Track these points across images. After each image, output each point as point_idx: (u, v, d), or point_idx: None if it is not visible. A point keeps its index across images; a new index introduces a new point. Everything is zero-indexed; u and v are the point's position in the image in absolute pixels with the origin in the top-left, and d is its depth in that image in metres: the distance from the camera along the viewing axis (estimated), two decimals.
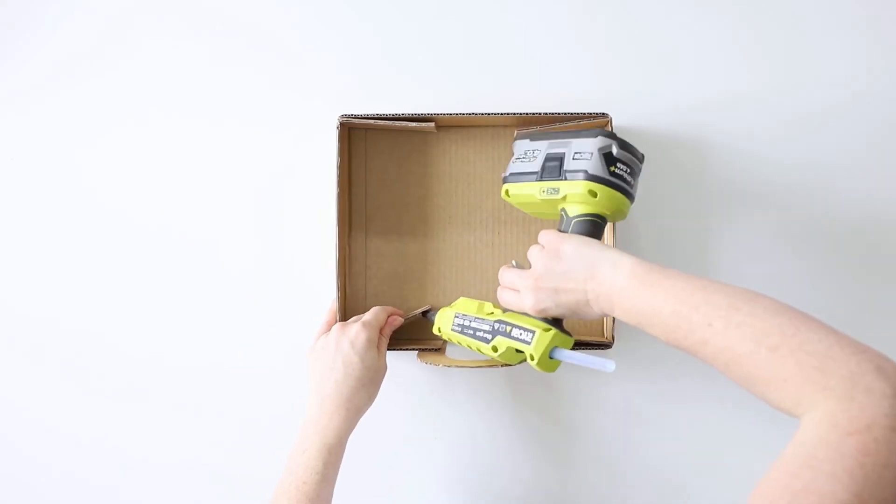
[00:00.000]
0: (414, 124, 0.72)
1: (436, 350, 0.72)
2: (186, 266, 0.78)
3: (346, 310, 0.74)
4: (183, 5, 0.79)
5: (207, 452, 0.79)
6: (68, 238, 0.79)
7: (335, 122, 0.72)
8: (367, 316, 0.69)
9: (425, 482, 0.78)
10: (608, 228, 0.74)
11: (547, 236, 0.61)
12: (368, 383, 0.66)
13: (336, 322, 0.71)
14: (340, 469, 0.64)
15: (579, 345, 0.72)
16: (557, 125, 0.73)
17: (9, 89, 0.79)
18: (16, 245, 0.79)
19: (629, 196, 0.62)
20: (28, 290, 0.79)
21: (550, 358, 0.59)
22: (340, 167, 0.72)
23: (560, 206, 0.63)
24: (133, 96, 0.79)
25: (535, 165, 0.64)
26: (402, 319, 0.72)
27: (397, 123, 0.72)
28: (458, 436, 0.78)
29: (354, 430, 0.66)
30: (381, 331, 0.69)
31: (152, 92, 0.79)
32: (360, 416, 0.66)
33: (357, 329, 0.66)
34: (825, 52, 0.77)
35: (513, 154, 0.68)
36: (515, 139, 0.69)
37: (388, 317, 0.71)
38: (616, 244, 0.73)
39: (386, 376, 0.69)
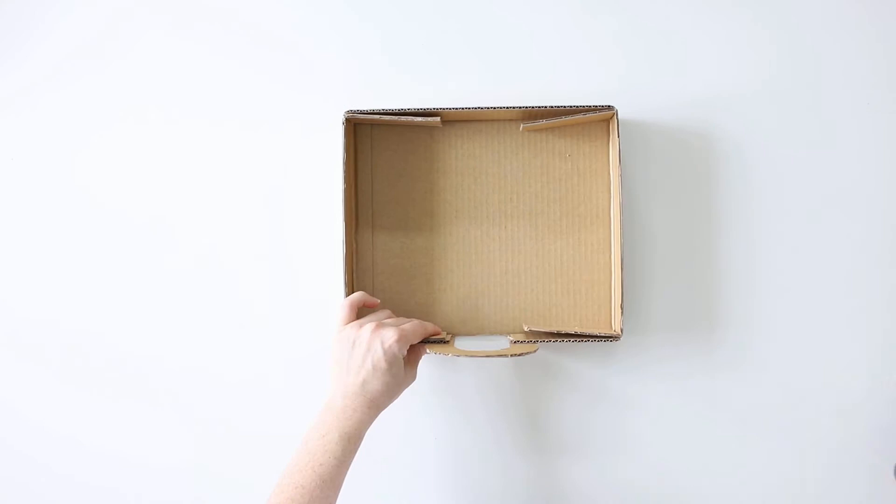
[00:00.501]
0: (420, 119, 0.72)
1: (444, 342, 0.72)
2: (190, 265, 0.78)
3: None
4: (182, 4, 0.78)
5: (209, 455, 0.78)
6: (69, 238, 0.78)
7: (338, 119, 0.72)
8: (407, 327, 0.67)
9: (426, 480, 0.78)
10: (615, 226, 0.74)
11: None
12: (395, 388, 0.66)
13: (357, 310, 0.70)
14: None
15: (587, 337, 0.72)
16: (564, 118, 0.73)
17: (9, 89, 0.79)
18: (16, 245, 0.79)
19: None
20: (28, 291, 0.78)
21: None
22: (346, 163, 0.72)
23: None
24: (133, 96, 0.78)
25: None
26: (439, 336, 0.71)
27: (402, 118, 0.72)
28: (458, 433, 0.78)
29: None
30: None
31: (152, 91, 0.78)
32: (380, 413, 0.66)
33: (392, 338, 0.65)
34: (830, 44, 0.77)
35: None
36: None
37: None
38: (623, 236, 0.73)
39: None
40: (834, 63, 0.77)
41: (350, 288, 0.73)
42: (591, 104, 0.72)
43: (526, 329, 0.73)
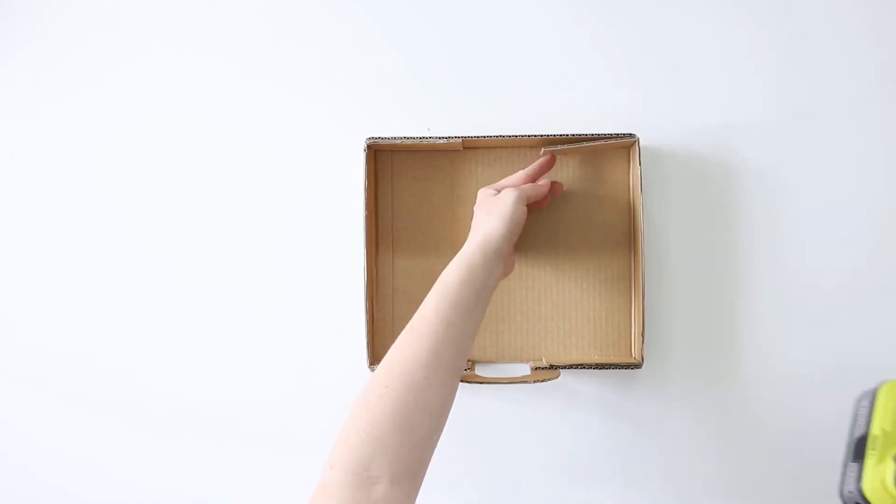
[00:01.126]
0: (441, 142, 0.72)
1: (466, 370, 0.72)
2: (209, 291, 0.78)
3: (375, 333, 0.74)
4: (199, 21, 0.78)
5: (234, 482, 0.78)
6: (69, 241, 0.78)
7: (359, 145, 0.72)
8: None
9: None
10: (635, 253, 0.74)
11: None
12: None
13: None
14: None
15: (607, 366, 0.72)
16: (585, 144, 0.72)
17: (9, 89, 0.78)
18: (15, 246, 0.78)
19: None
20: (26, 294, 0.78)
21: None
22: (367, 190, 0.72)
23: None
24: (152, 116, 0.78)
25: None
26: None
27: (424, 142, 0.72)
28: (476, 460, 0.78)
29: None
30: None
31: (169, 110, 0.78)
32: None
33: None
34: (841, 70, 0.77)
35: None
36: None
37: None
38: (644, 262, 0.73)
39: None
40: (855, 88, 0.77)
41: (371, 314, 0.73)
42: (613, 132, 0.72)
43: (546, 364, 0.73)
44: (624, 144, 0.74)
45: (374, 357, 0.74)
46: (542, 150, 0.74)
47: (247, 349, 0.78)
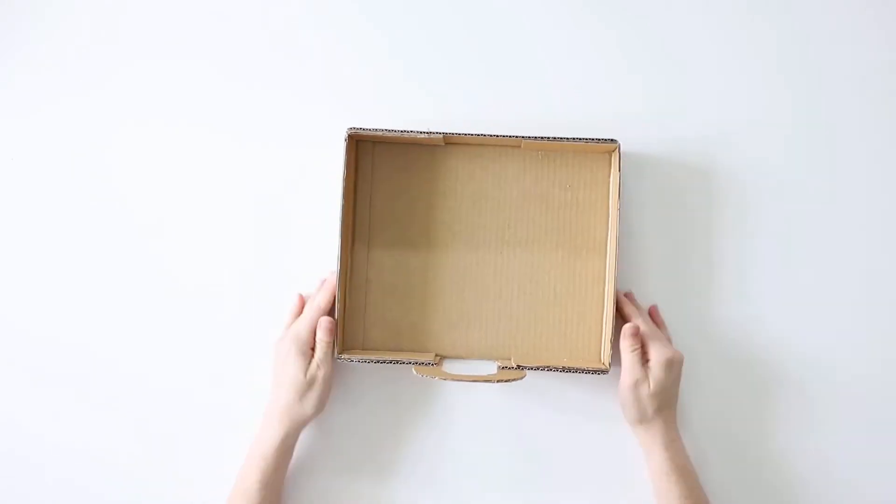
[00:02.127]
0: (423, 136, 0.72)
1: (432, 364, 0.72)
2: (186, 275, 0.78)
3: (346, 322, 0.74)
4: (187, 15, 0.78)
5: (216, 476, 0.78)
6: (67, 240, 0.78)
7: (341, 135, 0.72)
8: (300, 325, 0.73)
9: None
10: (611, 259, 0.74)
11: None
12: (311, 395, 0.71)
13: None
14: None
15: (575, 370, 0.72)
16: (565, 142, 0.72)
17: (9, 90, 0.78)
18: (13, 246, 0.78)
19: None
20: (24, 292, 0.78)
21: None
22: (346, 179, 0.72)
23: None
24: (137, 107, 0.78)
25: None
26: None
27: (405, 135, 0.72)
28: (444, 459, 0.78)
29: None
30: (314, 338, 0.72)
31: (153, 99, 0.78)
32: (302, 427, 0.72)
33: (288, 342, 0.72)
34: (843, 72, 0.77)
35: None
36: None
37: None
38: (618, 270, 0.73)
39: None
40: (855, 90, 0.77)
41: (343, 303, 0.73)
42: (595, 136, 0.72)
43: (514, 364, 0.73)
44: (605, 149, 0.74)
45: (344, 346, 0.74)
46: (524, 142, 0.74)
47: (242, 345, 0.78)
